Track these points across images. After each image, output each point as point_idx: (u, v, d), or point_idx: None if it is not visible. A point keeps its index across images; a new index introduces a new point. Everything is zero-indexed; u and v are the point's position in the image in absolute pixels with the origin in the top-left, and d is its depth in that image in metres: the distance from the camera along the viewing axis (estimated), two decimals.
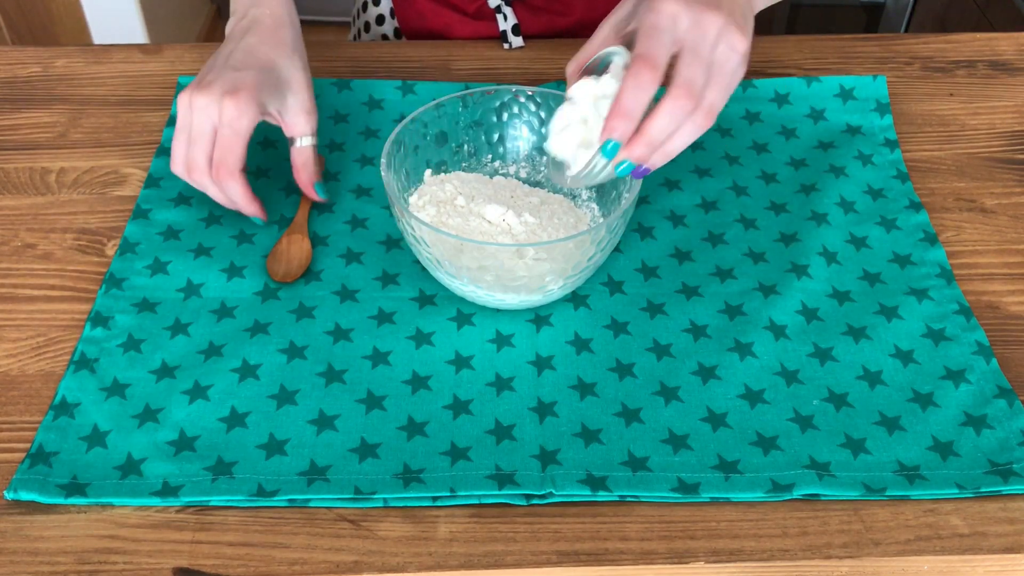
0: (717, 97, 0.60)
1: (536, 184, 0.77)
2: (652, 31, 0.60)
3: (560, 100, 0.73)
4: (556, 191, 0.77)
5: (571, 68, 0.68)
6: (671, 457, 0.62)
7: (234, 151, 0.71)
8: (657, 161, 0.62)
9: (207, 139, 0.71)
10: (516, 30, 0.96)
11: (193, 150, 0.71)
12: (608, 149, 0.61)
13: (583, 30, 1.02)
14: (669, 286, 0.73)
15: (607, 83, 0.63)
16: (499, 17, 0.96)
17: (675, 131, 0.60)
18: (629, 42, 0.65)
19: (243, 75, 0.71)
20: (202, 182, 0.72)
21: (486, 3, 0.98)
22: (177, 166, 0.72)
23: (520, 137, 0.77)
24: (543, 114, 0.75)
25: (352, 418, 0.64)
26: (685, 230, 0.78)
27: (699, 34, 0.60)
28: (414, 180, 0.74)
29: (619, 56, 0.64)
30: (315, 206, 0.79)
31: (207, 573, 0.57)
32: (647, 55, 0.59)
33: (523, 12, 0.98)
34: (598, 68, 0.65)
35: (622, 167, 0.62)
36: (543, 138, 0.76)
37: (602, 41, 0.67)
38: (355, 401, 0.65)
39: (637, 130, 0.60)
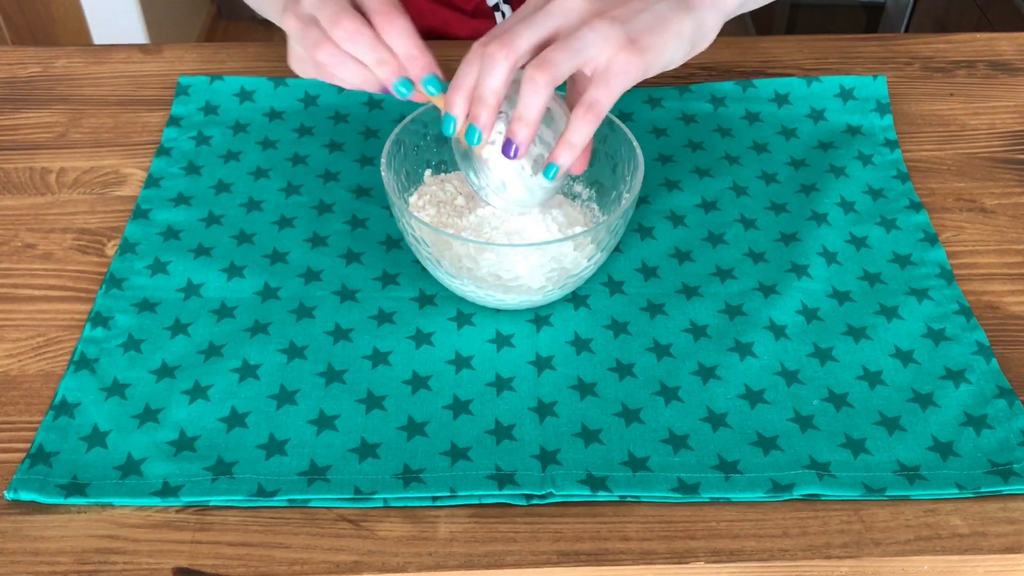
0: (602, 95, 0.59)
1: None
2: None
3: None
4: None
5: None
6: (671, 457, 0.62)
7: None
8: (562, 157, 0.60)
9: (347, 4, 0.59)
10: None
11: (330, 20, 0.58)
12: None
13: None
14: (669, 286, 0.73)
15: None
16: (497, 15, 0.96)
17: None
18: None
19: None
20: (359, 48, 0.59)
21: (484, 1, 0.98)
22: (321, 50, 0.59)
23: None
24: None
25: (352, 418, 0.64)
26: (685, 230, 0.78)
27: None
28: (414, 180, 0.74)
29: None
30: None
31: (207, 573, 0.57)
32: (491, 36, 0.58)
33: None
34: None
35: (551, 168, 0.61)
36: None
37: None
38: (355, 401, 0.65)
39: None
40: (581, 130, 0.59)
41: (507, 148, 0.59)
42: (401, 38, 0.58)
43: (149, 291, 0.72)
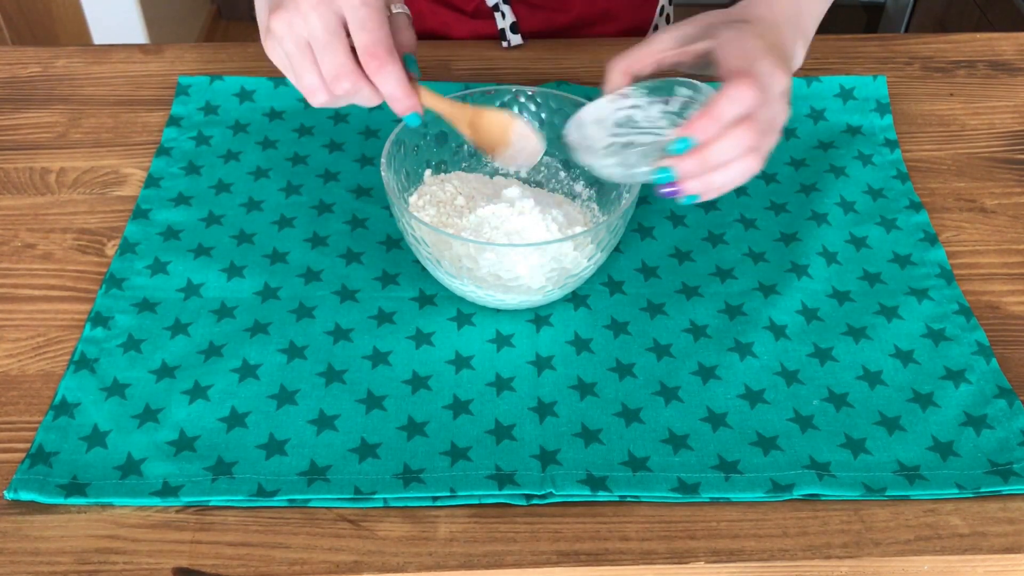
0: (770, 146, 0.60)
1: (536, 184, 0.78)
2: (747, 60, 0.60)
3: (559, 100, 0.74)
4: (554, 191, 0.77)
5: (619, 67, 0.65)
6: (671, 457, 0.62)
7: (382, 27, 0.58)
8: (694, 187, 0.60)
9: (340, 36, 0.58)
10: (515, 28, 0.96)
11: (329, 55, 0.58)
12: (674, 147, 0.59)
13: (582, 27, 1.02)
14: (669, 286, 0.73)
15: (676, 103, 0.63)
16: (497, 15, 0.96)
17: (729, 163, 0.59)
18: (690, 61, 0.64)
19: None
20: (355, 87, 0.60)
21: (484, 1, 0.98)
22: (317, 93, 0.60)
23: None
24: (543, 114, 0.75)
25: (352, 418, 0.64)
26: (685, 230, 0.78)
27: (773, 82, 0.60)
28: (414, 180, 0.74)
29: (688, 89, 0.63)
30: None
31: (207, 573, 0.57)
32: (753, 75, 0.58)
33: (521, 9, 0.98)
34: (656, 87, 0.63)
35: (664, 174, 0.60)
36: (542, 138, 0.76)
37: (660, 51, 0.65)
38: (355, 401, 0.65)
39: (699, 147, 0.59)
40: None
41: (672, 191, 0.61)
42: (388, 83, 0.59)
43: (149, 291, 0.72)
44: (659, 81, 0.64)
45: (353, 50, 0.60)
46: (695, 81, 0.64)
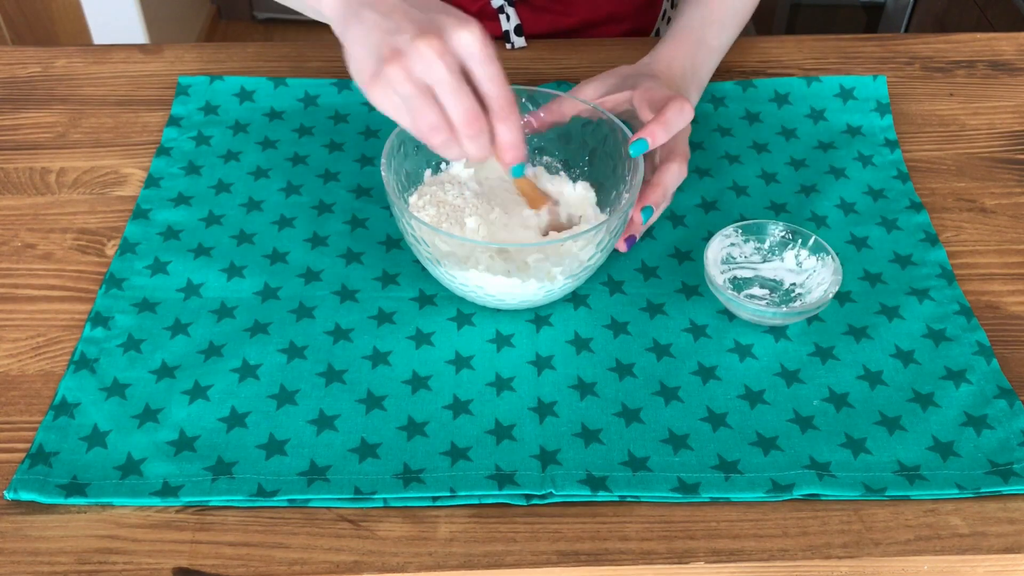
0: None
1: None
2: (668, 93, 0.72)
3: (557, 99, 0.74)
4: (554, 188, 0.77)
5: (548, 111, 0.75)
6: (671, 457, 0.62)
7: (505, 80, 0.60)
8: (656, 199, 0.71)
9: (465, 83, 0.59)
10: (519, 30, 0.96)
11: (460, 100, 0.59)
12: (633, 150, 0.68)
13: (586, 29, 1.02)
14: (669, 286, 0.73)
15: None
16: (502, 17, 0.96)
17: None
18: (610, 107, 0.74)
19: (439, 13, 0.60)
20: (482, 131, 0.61)
21: (489, 3, 0.98)
22: (439, 132, 0.61)
23: None
24: (542, 115, 0.75)
25: (352, 418, 0.64)
26: (685, 230, 0.78)
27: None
28: (414, 180, 0.74)
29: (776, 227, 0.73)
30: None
31: (207, 573, 0.57)
32: (682, 96, 0.71)
33: (526, 12, 0.98)
34: (749, 227, 0.73)
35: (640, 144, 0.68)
36: (542, 138, 0.76)
37: (585, 99, 0.75)
38: (355, 401, 0.65)
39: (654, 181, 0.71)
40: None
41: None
42: (511, 132, 0.62)
43: (149, 291, 0.72)
44: (752, 222, 0.73)
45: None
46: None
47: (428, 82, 0.59)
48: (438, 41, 0.58)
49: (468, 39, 0.58)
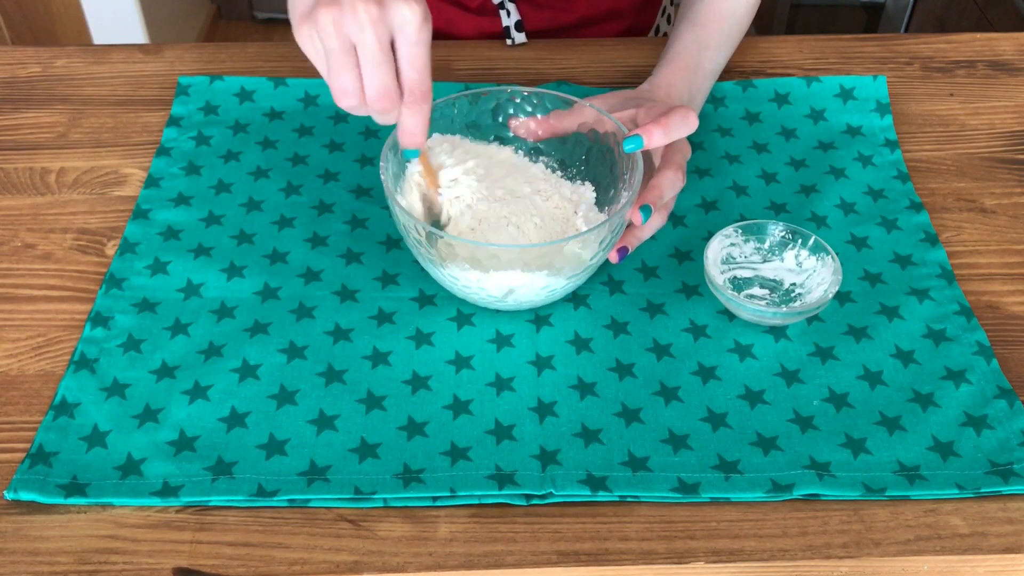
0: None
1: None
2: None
3: (555, 100, 0.74)
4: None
5: (545, 125, 0.75)
6: (671, 457, 0.62)
7: (428, 68, 0.60)
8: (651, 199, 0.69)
9: (390, 57, 0.59)
10: (519, 26, 0.96)
11: (379, 74, 0.59)
12: (628, 147, 0.68)
13: (586, 26, 1.02)
14: (669, 286, 0.73)
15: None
16: (502, 13, 0.96)
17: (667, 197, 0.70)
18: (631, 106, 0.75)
19: None
20: (390, 109, 0.61)
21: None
22: (350, 97, 0.60)
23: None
24: (539, 115, 0.75)
25: (352, 418, 0.64)
26: (685, 230, 0.78)
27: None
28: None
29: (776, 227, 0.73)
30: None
31: (207, 573, 0.57)
32: (686, 107, 0.70)
33: (526, 8, 0.98)
34: (749, 227, 0.73)
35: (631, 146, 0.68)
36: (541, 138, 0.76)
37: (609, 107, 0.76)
38: (355, 401, 0.65)
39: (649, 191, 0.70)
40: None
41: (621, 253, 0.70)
42: (415, 119, 0.62)
43: (149, 291, 0.72)
44: (752, 222, 0.73)
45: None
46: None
47: (354, 41, 0.58)
48: (376, 8, 0.57)
49: (407, 16, 0.58)
